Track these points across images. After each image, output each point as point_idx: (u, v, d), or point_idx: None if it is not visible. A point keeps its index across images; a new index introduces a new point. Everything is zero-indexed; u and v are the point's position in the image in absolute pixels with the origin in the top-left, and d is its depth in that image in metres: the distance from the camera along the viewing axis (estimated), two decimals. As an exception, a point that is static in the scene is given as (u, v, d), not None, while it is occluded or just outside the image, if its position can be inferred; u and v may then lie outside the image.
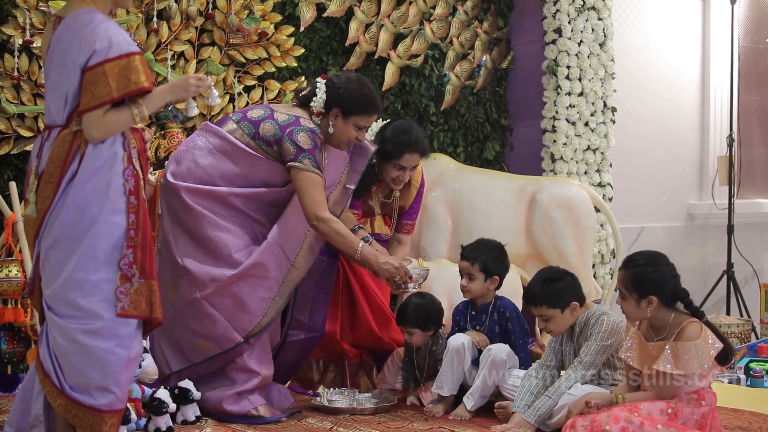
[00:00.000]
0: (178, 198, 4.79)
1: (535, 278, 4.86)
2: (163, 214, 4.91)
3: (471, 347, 5.04)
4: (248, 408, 4.75)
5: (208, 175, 4.83)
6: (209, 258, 4.79)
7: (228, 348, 4.78)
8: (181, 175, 4.82)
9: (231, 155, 4.87)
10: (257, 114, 4.94)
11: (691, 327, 4.18)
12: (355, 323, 5.46)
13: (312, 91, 5.00)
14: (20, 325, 5.56)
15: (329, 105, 4.96)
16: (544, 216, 6.78)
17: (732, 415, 5.00)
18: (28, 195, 3.89)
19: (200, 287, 4.76)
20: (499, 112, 8.02)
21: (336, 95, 4.95)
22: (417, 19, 7.55)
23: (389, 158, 5.40)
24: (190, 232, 4.81)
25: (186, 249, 4.81)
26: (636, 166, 8.56)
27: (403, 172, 5.46)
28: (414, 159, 5.45)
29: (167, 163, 4.94)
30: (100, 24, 3.80)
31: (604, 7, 7.77)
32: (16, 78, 5.89)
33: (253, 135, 4.88)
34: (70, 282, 3.77)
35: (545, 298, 4.71)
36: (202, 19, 6.52)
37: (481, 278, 5.12)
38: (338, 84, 4.98)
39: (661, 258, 4.37)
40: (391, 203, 5.67)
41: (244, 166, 4.88)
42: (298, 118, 4.90)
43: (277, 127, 4.86)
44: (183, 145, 4.99)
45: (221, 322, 4.77)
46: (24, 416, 3.94)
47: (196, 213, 4.78)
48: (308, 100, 4.99)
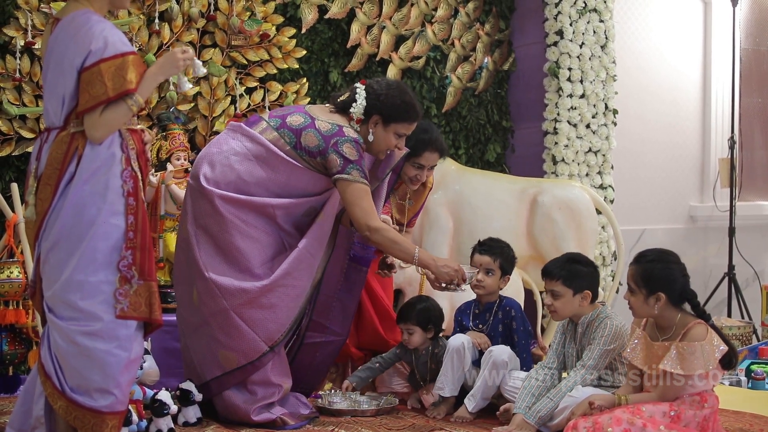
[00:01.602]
0: (210, 204, 4.65)
1: (562, 256, 4.93)
2: (186, 214, 4.76)
3: (471, 347, 5.04)
4: (272, 417, 4.70)
5: (244, 181, 4.69)
6: (232, 268, 4.67)
7: (254, 359, 4.68)
8: (215, 180, 4.67)
9: (269, 163, 4.73)
10: (298, 122, 4.78)
11: (697, 328, 4.18)
12: (360, 325, 5.50)
13: (351, 97, 4.87)
14: (22, 327, 5.57)
15: (369, 112, 4.84)
16: (545, 218, 6.78)
17: (733, 417, 5.00)
18: (28, 197, 3.89)
19: (227, 297, 4.63)
20: (500, 114, 8.02)
21: (377, 102, 4.84)
22: (418, 21, 7.55)
23: (409, 157, 5.28)
24: (215, 239, 4.68)
25: (209, 255, 4.68)
26: (637, 168, 8.56)
27: (422, 171, 5.42)
28: (433, 158, 5.42)
29: (197, 164, 4.77)
30: (95, 25, 3.81)
31: (606, 10, 7.76)
32: (17, 79, 5.90)
33: (294, 144, 4.73)
34: (69, 284, 3.77)
35: (564, 275, 4.72)
36: (203, 20, 6.53)
37: (498, 275, 5.14)
38: (379, 90, 4.86)
39: (672, 256, 4.37)
40: (404, 204, 5.66)
41: (282, 174, 4.75)
42: (341, 128, 4.76)
43: (321, 137, 4.72)
44: (215, 146, 4.81)
45: (248, 334, 4.67)
46: (25, 418, 3.93)
47: (227, 221, 4.64)
48: (347, 106, 4.87)
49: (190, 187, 4.76)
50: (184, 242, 4.79)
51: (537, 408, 4.57)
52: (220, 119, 6.50)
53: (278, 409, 4.76)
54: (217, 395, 4.79)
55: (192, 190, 4.74)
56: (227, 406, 4.76)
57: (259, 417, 4.69)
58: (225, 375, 4.74)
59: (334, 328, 5.15)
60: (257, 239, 4.72)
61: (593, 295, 4.75)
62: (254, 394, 4.73)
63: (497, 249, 5.18)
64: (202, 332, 4.75)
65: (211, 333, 4.72)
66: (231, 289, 4.63)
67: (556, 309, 4.77)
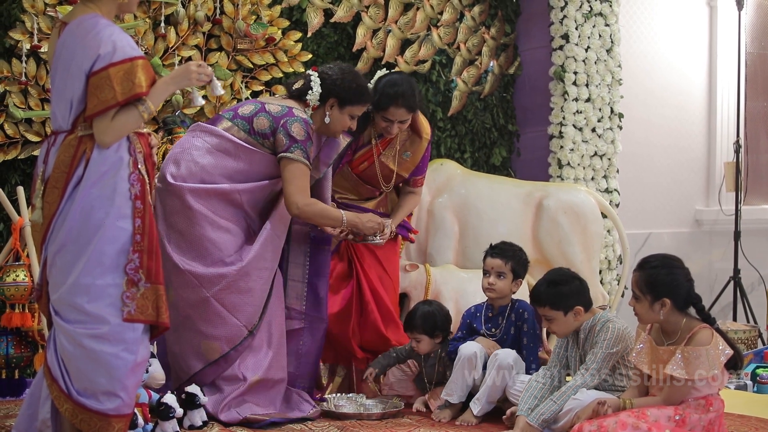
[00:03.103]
0: (180, 199, 4.78)
1: (543, 279, 4.88)
2: (157, 217, 4.76)
3: (483, 356, 5.04)
4: (239, 418, 4.73)
5: (209, 174, 4.83)
6: (205, 260, 4.78)
7: (236, 344, 4.80)
8: (182, 177, 4.81)
9: (230, 152, 4.89)
10: (249, 110, 4.97)
11: (703, 333, 4.18)
12: (363, 326, 5.51)
13: (306, 85, 5.04)
14: (27, 330, 5.58)
15: (325, 96, 5.04)
16: (550, 222, 6.77)
17: (739, 421, 4.99)
18: (35, 200, 3.90)
19: (206, 285, 4.76)
20: (506, 117, 8.03)
21: (333, 86, 5.03)
22: (424, 25, 7.56)
23: (377, 109, 5.41)
24: (185, 234, 4.79)
25: (181, 250, 4.79)
26: (643, 172, 8.56)
27: (391, 124, 5.43)
28: (400, 113, 5.40)
29: (163, 165, 4.91)
30: (104, 29, 3.81)
31: (612, 13, 7.77)
32: (23, 83, 5.91)
33: (248, 131, 4.91)
34: (76, 287, 3.78)
35: (549, 300, 4.73)
36: (209, 24, 6.54)
37: (510, 278, 5.14)
38: (334, 76, 5.05)
39: (676, 261, 4.37)
40: (403, 159, 5.64)
41: (243, 162, 4.90)
42: (291, 109, 4.94)
43: (271, 118, 4.90)
44: (177, 146, 4.97)
45: (230, 319, 4.79)
46: (31, 421, 3.94)
47: (197, 214, 4.77)
48: (302, 94, 5.04)
49: (158, 190, 4.81)
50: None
51: (540, 410, 4.56)
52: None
53: (247, 407, 4.80)
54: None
55: (160, 191, 4.81)
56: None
57: (227, 417, 4.73)
58: (208, 367, 4.83)
59: (310, 313, 5.20)
60: (227, 229, 4.85)
61: (585, 306, 4.76)
62: (221, 390, 4.81)
63: (509, 252, 5.19)
64: (182, 330, 4.82)
65: (192, 326, 4.82)
66: (208, 275, 4.76)
67: (554, 330, 4.80)
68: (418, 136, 5.62)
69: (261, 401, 4.87)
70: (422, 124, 5.62)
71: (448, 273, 6.38)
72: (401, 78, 5.53)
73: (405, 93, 5.37)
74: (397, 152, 5.58)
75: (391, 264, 5.71)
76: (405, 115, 5.41)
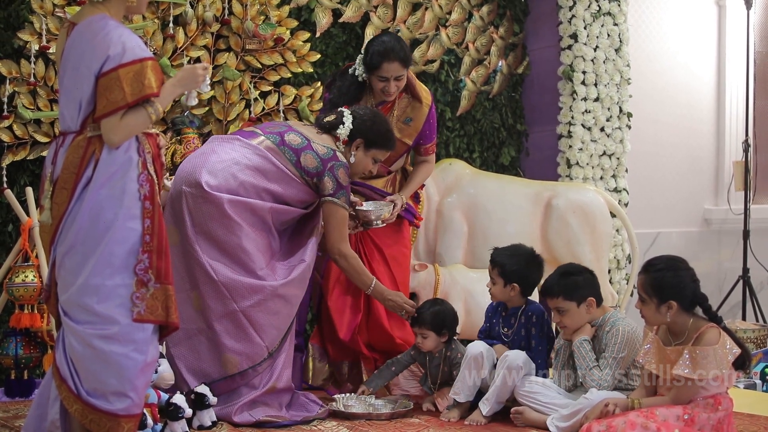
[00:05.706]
0: (219, 208, 4.78)
1: (555, 271, 4.92)
2: (182, 221, 4.84)
3: (490, 355, 5.04)
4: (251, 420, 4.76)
5: (245, 190, 4.87)
6: (239, 269, 4.81)
7: (257, 362, 4.83)
8: (217, 187, 4.81)
9: (270, 175, 4.95)
10: (296, 142, 5.03)
11: (710, 332, 4.18)
12: (370, 324, 5.56)
13: (338, 120, 5.14)
14: (36, 331, 5.59)
15: (353, 135, 5.15)
16: (560, 221, 6.77)
17: (748, 420, 4.99)
18: (43, 201, 3.90)
19: (237, 299, 4.78)
20: (514, 117, 8.02)
21: (362, 127, 5.16)
22: (433, 25, 7.56)
23: (371, 71, 5.45)
24: (220, 242, 4.80)
25: (214, 259, 4.80)
26: (652, 171, 8.55)
27: (387, 82, 5.46)
28: (394, 68, 5.42)
29: (193, 171, 4.86)
30: (113, 30, 3.81)
31: (620, 13, 7.76)
32: (32, 83, 5.91)
33: (295, 162, 4.99)
34: (86, 287, 3.78)
35: (562, 290, 4.74)
36: (218, 24, 6.53)
37: (500, 283, 5.15)
38: (364, 116, 5.19)
39: (680, 262, 4.37)
40: (404, 127, 5.65)
41: (279, 186, 4.97)
42: (335, 152, 5.05)
43: (319, 160, 5.00)
44: (213, 155, 4.95)
45: (255, 338, 4.82)
46: (40, 422, 3.94)
47: (235, 223, 4.80)
48: (333, 128, 5.13)
49: (186, 194, 4.82)
50: (180, 249, 4.86)
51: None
52: (234, 123, 6.50)
53: (260, 410, 4.82)
54: None
55: (192, 197, 4.82)
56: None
57: (240, 419, 4.77)
58: (222, 380, 4.85)
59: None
60: (258, 242, 4.89)
61: (597, 299, 4.77)
62: (239, 395, 4.85)
63: (499, 258, 5.20)
64: (201, 338, 4.85)
65: (214, 338, 4.83)
66: (243, 285, 4.78)
67: (566, 324, 4.80)
68: (418, 101, 5.66)
69: (272, 404, 4.89)
70: (421, 89, 5.68)
71: (457, 273, 6.38)
72: (389, 35, 5.64)
73: (395, 47, 5.43)
74: (397, 118, 5.60)
75: (401, 264, 5.72)
76: (399, 69, 5.44)
